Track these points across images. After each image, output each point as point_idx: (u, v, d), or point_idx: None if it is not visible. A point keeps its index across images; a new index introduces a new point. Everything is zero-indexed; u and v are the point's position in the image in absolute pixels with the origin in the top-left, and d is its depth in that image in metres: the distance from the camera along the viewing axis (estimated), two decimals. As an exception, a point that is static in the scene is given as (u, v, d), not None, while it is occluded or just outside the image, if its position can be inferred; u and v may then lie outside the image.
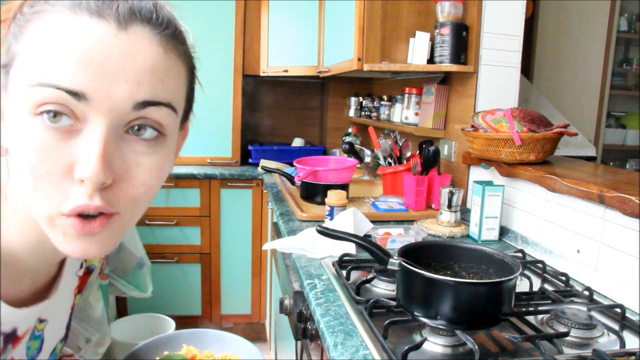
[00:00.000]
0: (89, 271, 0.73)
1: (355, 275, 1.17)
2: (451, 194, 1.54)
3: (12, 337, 0.55)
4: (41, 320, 0.61)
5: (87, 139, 0.44)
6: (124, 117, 0.45)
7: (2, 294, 0.51)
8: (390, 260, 0.90)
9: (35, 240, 0.53)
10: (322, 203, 1.61)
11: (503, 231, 1.50)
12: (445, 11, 1.72)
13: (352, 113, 2.98)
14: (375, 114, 2.63)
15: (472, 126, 1.53)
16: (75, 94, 0.43)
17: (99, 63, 0.43)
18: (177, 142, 0.55)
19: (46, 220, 0.46)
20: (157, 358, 0.88)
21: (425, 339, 0.84)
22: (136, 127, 0.47)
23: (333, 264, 1.21)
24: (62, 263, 0.63)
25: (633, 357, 0.81)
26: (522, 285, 1.13)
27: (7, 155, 0.48)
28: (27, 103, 0.43)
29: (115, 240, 0.50)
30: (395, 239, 1.38)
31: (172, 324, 2.38)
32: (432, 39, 1.78)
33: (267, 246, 1.46)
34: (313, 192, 1.81)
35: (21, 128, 0.44)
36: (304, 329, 1.14)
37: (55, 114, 0.43)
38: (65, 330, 0.69)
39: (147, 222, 2.65)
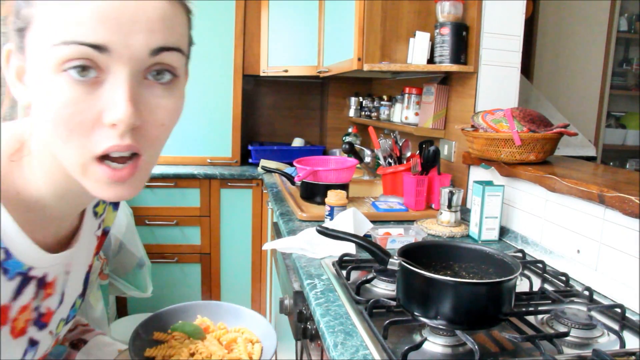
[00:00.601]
0: (104, 233, 0.77)
1: (355, 275, 1.17)
2: (451, 194, 1.54)
3: (43, 282, 0.59)
4: (67, 272, 0.65)
5: (112, 87, 0.48)
6: (142, 64, 0.49)
7: (31, 239, 0.55)
8: (390, 260, 0.90)
9: (62, 188, 0.57)
10: (322, 203, 1.61)
11: (503, 231, 1.50)
12: (445, 11, 1.72)
13: (352, 113, 2.98)
14: (375, 114, 2.63)
15: (472, 126, 1.53)
16: (98, 47, 0.46)
17: (116, 17, 0.47)
18: None
19: (79, 168, 0.51)
20: (171, 326, 0.87)
21: (425, 339, 0.84)
22: (155, 72, 0.51)
23: (333, 264, 1.21)
24: (82, 216, 0.67)
25: (633, 357, 0.81)
26: (522, 285, 1.13)
27: (29, 113, 0.52)
28: (51, 61, 0.47)
29: (143, 183, 0.56)
30: (395, 239, 1.38)
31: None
32: (432, 39, 1.78)
33: (267, 246, 1.46)
34: (313, 192, 1.81)
35: (47, 85, 0.48)
36: (304, 329, 1.14)
37: (83, 68, 0.47)
38: (83, 287, 0.72)
39: (147, 222, 2.65)
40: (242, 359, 0.81)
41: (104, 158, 0.51)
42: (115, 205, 0.79)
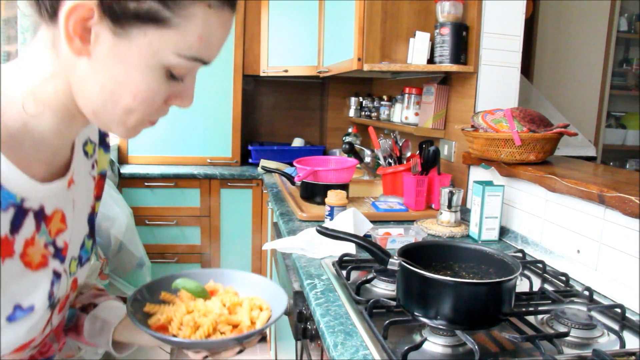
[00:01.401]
0: (102, 176, 0.81)
1: (355, 275, 1.17)
2: (451, 194, 1.54)
3: (42, 215, 0.61)
4: (73, 208, 0.69)
5: (189, 84, 0.61)
6: None
7: (26, 170, 0.58)
8: (390, 260, 0.90)
9: (65, 127, 0.62)
10: (322, 203, 1.61)
11: (503, 231, 1.50)
12: (445, 11, 1.72)
13: (352, 113, 2.98)
14: (375, 114, 2.63)
15: (472, 126, 1.53)
16: (206, 63, 0.59)
17: (217, 42, 0.59)
18: None
19: (130, 124, 0.59)
20: (173, 283, 0.84)
21: (425, 339, 0.84)
22: None
23: (333, 264, 1.21)
24: (72, 150, 0.69)
25: (633, 357, 0.81)
26: (522, 285, 1.13)
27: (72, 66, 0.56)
28: (164, 61, 0.55)
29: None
30: (395, 239, 1.38)
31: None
32: (432, 39, 1.78)
33: (267, 246, 1.46)
34: (313, 192, 1.81)
35: (145, 71, 0.55)
36: (304, 329, 1.14)
37: (182, 72, 0.58)
38: (89, 228, 0.75)
39: (147, 222, 2.65)
40: (239, 321, 0.78)
41: None
42: (106, 147, 0.81)
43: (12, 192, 0.56)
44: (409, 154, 1.96)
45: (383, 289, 1.10)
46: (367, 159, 2.47)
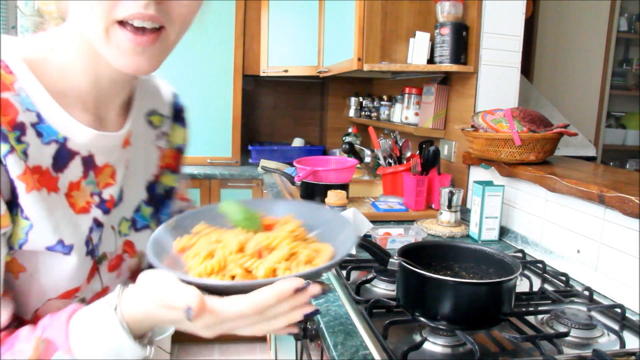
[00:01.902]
0: (178, 150, 0.81)
1: (355, 275, 1.17)
2: (451, 194, 1.54)
3: (92, 164, 0.64)
4: (126, 167, 0.69)
5: None
6: None
7: (73, 117, 0.61)
8: (390, 260, 0.90)
9: (95, 72, 0.62)
10: (322, 203, 1.61)
11: (503, 231, 1.50)
12: (445, 11, 1.72)
13: (352, 113, 2.98)
14: (375, 114, 2.63)
15: (472, 126, 1.53)
16: None
17: None
18: None
19: (103, 33, 0.55)
20: (220, 205, 0.64)
21: (425, 339, 0.84)
22: None
23: (333, 264, 1.20)
24: (127, 113, 0.71)
25: (633, 357, 0.81)
26: (522, 285, 1.13)
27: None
28: None
29: (162, 57, 0.60)
30: (395, 239, 1.38)
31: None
32: (432, 39, 1.78)
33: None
34: (313, 192, 1.81)
35: None
36: (304, 329, 1.14)
37: None
38: (148, 195, 0.75)
39: (147, 222, 2.65)
40: (249, 270, 0.55)
41: (126, 25, 0.55)
42: (182, 122, 0.82)
43: (55, 129, 0.59)
44: (409, 154, 1.96)
45: (383, 289, 1.10)
46: (367, 159, 2.47)
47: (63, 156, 0.61)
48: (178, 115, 0.82)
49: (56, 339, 0.54)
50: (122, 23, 0.55)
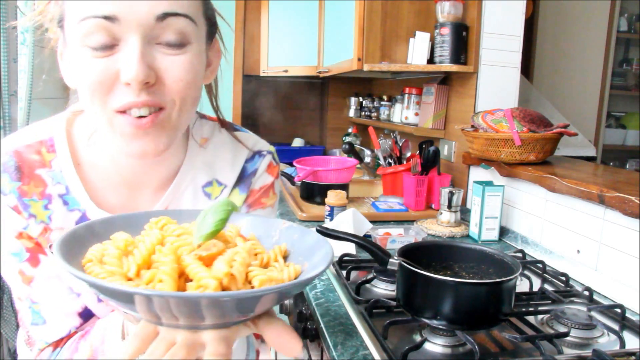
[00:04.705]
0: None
1: (355, 275, 1.17)
2: (451, 194, 1.54)
3: None
4: None
5: (126, 51, 0.56)
6: (151, 30, 0.56)
7: (91, 194, 0.69)
8: (390, 260, 0.90)
9: (114, 156, 0.69)
10: (322, 203, 1.61)
11: (503, 231, 1.50)
12: (445, 11, 1.72)
13: (352, 113, 2.97)
14: (375, 114, 2.63)
15: (472, 126, 1.52)
16: (108, 18, 0.55)
17: None
18: (207, 55, 0.68)
19: (107, 123, 0.59)
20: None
21: (425, 339, 0.84)
22: (166, 42, 0.58)
23: (333, 264, 1.21)
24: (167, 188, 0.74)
25: (633, 357, 0.81)
26: (522, 285, 1.13)
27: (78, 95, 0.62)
28: (77, 36, 0.56)
29: (169, 137, 0.61)
30: (395, 239, 1.38)
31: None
32: (432, 39, 1.78)
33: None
34: (313, 192, 1.81)
35: (76, 57, 0.57)
36: (304, 329, 1.14)
37: (98, 38, 0.55)
38: None
39: (147, 222, 2.65)
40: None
41: (126, 112, 0.58)
42: (244, 187, 0.80)
43: (78, 201, 0.68)
44: (409, 154, 1.96)
45: (383, 289, 1.10)
46: (367, 159, 2.46)
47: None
48: (241, 179, 0.79)
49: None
50: (122, 111, 0.58)
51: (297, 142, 3.20)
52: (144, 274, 0.46)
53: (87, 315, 0.70)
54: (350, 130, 2.99)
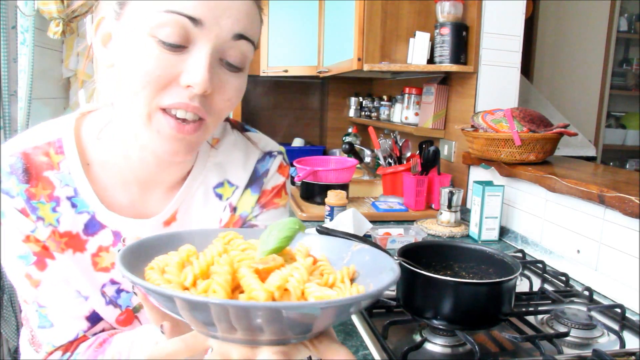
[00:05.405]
0: (240, 218, 0.79)
1: (355, 275, 1.17)
2: (451, 194, 1.54)
3: (119, 236, 0.69)
4: None
5: (195, 56, 0.57)
6: (224, 44, 0.58)
7: (100, 194, 0.68)
8: (390, 260, 0.90)
9: (131, 154, 0.67)
10: (322, 203, 1.61)
11: (503, 231, 1.50)
12: (445, 11, 1.72)
13: (352, 113, 2.97)
14: (375, 114, 2.63)
15: (472, 126, 1.53)
16: (194, 20, 0.55)
17: (215, 1, 0.56)
18: None
19: (145, 116, 0.59)
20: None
21: (425, 339, 0.84)
22: (227, 61, 0.60)
23: (333, 264, 1.20)
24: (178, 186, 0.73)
25: (633, 357, 0.81)
26: (522, 285, 1.13)
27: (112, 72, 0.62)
28: (147, 25, 0.56)
29: (197, 147, 0.63)
30: (395, 238, 1.38)
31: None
32: (432, 39, 1.78)
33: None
34: (313, 192, 1.81)
35: (138, 45, 0.57)
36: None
37: (173, 35, 0.55)
38: None
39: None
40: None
41: (169, 112, 0.58)
42: (256, 188, 0.79)
43: (87, 203, 0.67)
44: (409, 154, 1.96)
45: (383, 289, 1.09)
46: (367, 159, 2.46)
47: (94, 225, 0.68)
48: (253, 180, 0.79)
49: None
50: (164, 109, 0.58)
51: (297, 142, 3.20)
52: (199, 283, 0.45)
53: (94, 318, 0.70)
54: (350, 130, 2.99)
